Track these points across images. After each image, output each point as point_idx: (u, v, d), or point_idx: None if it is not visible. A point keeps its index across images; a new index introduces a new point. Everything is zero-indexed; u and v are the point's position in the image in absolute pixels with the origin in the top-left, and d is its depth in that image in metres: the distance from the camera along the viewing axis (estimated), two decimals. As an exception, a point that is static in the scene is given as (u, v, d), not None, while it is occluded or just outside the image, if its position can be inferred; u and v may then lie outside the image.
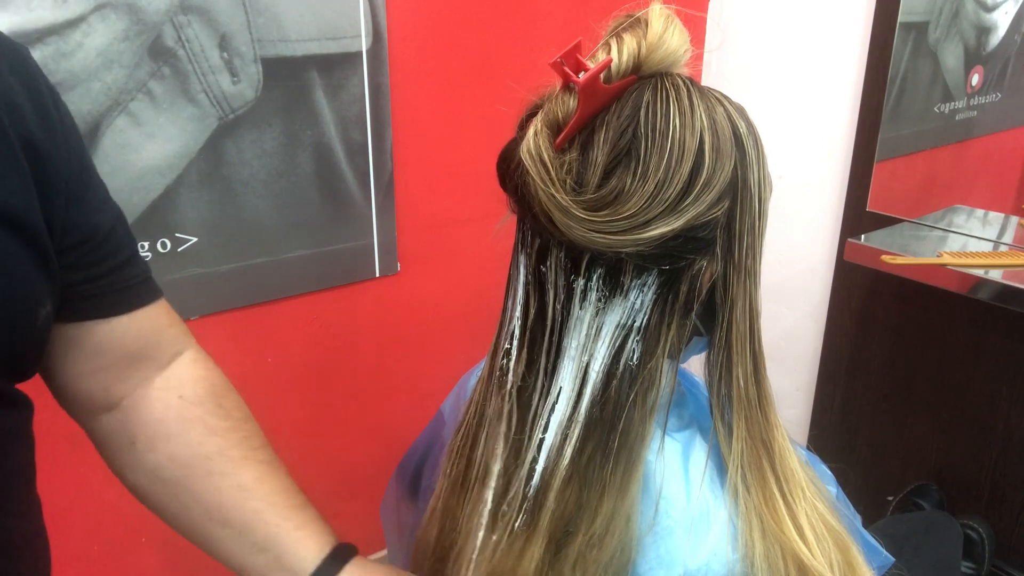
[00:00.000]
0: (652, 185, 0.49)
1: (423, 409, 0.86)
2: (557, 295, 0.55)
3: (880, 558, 0.69)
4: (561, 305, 0.55)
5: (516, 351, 0.58)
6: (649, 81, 0.51)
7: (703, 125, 0.50)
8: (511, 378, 0.59)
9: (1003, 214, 1.43)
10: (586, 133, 0.51)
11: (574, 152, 0.51)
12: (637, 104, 0.50)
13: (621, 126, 0.50)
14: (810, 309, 1.65)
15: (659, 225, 0.50)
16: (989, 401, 1.36)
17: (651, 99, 0.50)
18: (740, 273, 0.54)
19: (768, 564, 0.53)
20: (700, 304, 0.55)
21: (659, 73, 0.52)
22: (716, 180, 0.50)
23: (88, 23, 1.00)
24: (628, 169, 0.49)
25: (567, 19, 1.44)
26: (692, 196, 0.50)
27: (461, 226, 1.48)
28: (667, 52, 0.51)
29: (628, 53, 0.50)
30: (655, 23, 0.50)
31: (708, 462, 0.57)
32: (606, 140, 0.50)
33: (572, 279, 0.54)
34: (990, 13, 1.37)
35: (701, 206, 0.50)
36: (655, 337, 0.55)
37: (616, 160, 0.50)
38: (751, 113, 0.56)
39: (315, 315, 1.36)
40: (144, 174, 1.10)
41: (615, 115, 0.50)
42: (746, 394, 0.56)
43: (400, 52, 1.29)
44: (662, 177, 0.49)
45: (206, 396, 0.65)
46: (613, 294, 0.54)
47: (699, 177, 0.50)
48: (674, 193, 0.49)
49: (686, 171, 0.49)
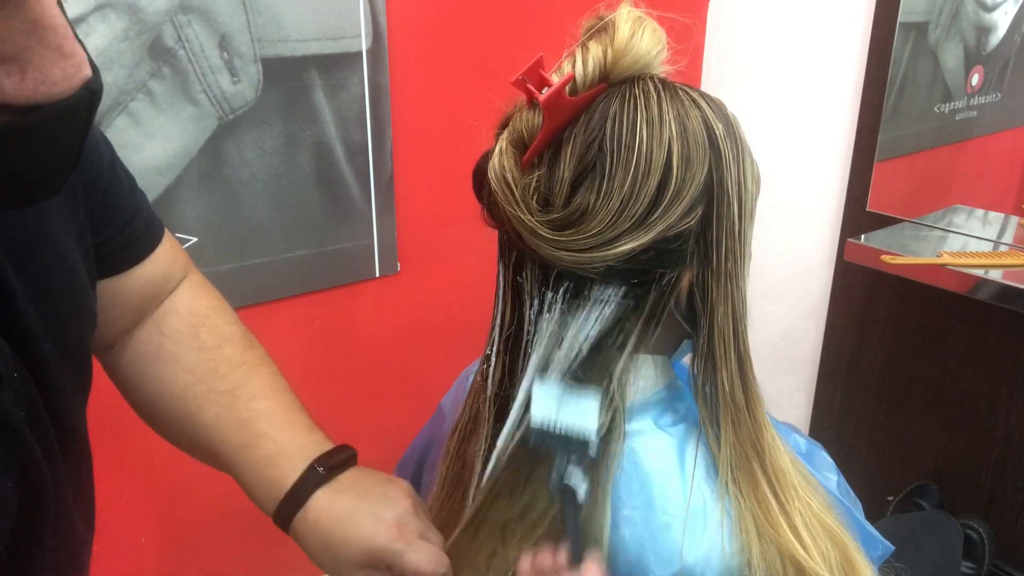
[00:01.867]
0: (617, 201, 0.48)
1: (423, 409, 0.86)
2: (532, 305, 0.55)
3: (879, 547, 0.69)
4: (535, 313, 0.55)
5: (495, 358, 0.59)
6: (618, 89, 0.50)
7: (672, 134, 0.49)
8: (490, 384, 0.59)
9: (1003, 214, 1.43)
10: (554, 148, 0.50)
11: (542, 168, 0.50)
12: (604, 115, 0.49)
13: (587, 140, 0.49)
14: (810, 309, 1.65)
15: (626, 241, 0.49)
16: (989, 401, 1.36)
17: (618, 109, 0.49)
18: (719, 278, 0.53)
19: (766, 566, 0.53)
20: (680, 309, 0.55)
21: (630, 78, 0.50)
22: (686, 190, 0.49)
23: (88, 23, 1.00)
24: (592, 186, 0.48)
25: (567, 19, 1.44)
26: (660, 210, 0.49)
27: (461, 226, 1.48)
28: (636, 57, 0.49)
29: (594, 62, 0.49)
30: (622, 27, 0.49)
31: (703, 456, 0.57)
32: (572, 155, 0.49)
33: (543, 290, 0.54)
34: (990, 13, 1.37)
35: (671, 218, 0.49)
36: (620, 340, 0.54)
37: (582, 176, 0.49)
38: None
39: (315, 315, 1.36)
40: (144, 174, 1.10)
41: (583, 128, 0.49)
42: (732, 397, 0.55)
43: (400, 52, 1.29)
44: (627, 192, 0.48)
45: (186, 329, 0.66)
46: (577, 307, 0.53)
47: (667, 190, 0.48)
48: (641, 208, 0.48)
49: (653, 185, 0.48)
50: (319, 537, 0.59)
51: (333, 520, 0.59)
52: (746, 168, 0.53)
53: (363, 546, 0.58)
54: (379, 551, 0.57)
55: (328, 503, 0.60)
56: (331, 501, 0.60)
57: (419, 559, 0.57)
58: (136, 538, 1.29)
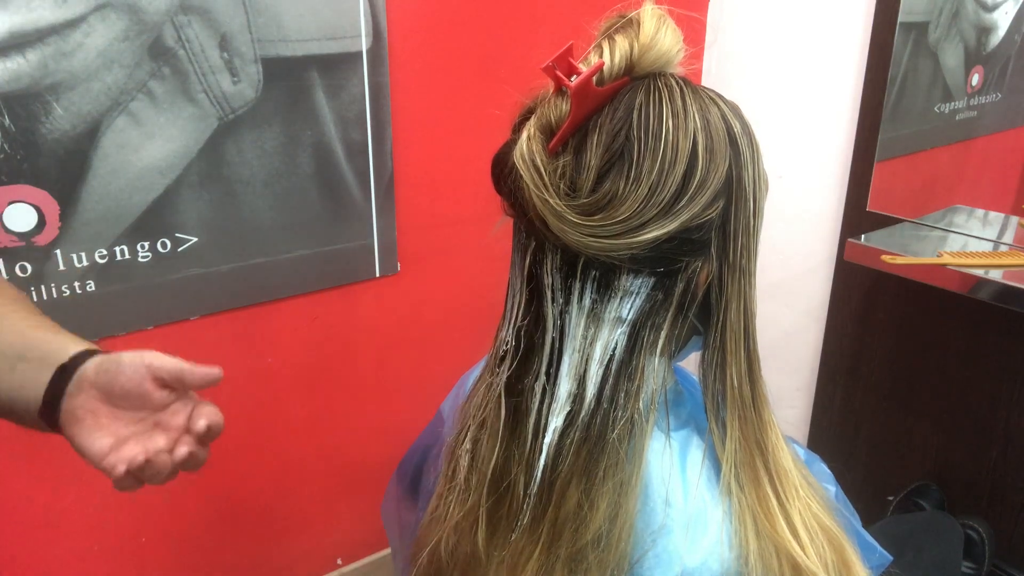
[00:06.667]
0: (646, 188, 0.49)
1: (423, 409, 0.86)
2: (554, 298, 0.55)
3: (877, 557, 0.69)
4: (558, 308, 0.55)
5: (514, 353, 0.58)
6: (642, 82, 0.51)
7: (696, 126, 0.50)
8: (509, 380, 0.59)
9: (1003, 214, 1.43)
10: (579, 136, 0.51)
11: (568, 156, 0.51)
12: (630, 106, 0.50)
13: (614, 129, 0.50)
14: (810, 309, 1.65)
15: (653, 228, 0.49)
16: (989, 401, 1.36)
17: (644, 101, 0.50)
18: (735, 273, 0.54)
19: (763, 564, 0.53)
20: (696, 304, 0.55)
21: (652, 74, 0.52)
22: (710, 181, 0.50)
23: (88, 23, 1.00)
24: (621, 172, 0.49)
25: (567, 19, 1.44)
26: (686, 198, 0.50)
27: (461, 226, 1.48)
28: (660, 53, 0.51)
29: (620, 55, 0.50)
30: (647, 24, 0.50)
31: (705, 461, 0.57)
32: (599, 143, 0.50)
33: (568, 282, 0.54)
34: (990, 13, 1.37)
35: (696, 207, 0.50)
36: (652, 337, 0.55)
37: (609, 163, 0.49)
38: (750, 114, 0.56)
39: (315, 315, 1.36)
40: (144, 174, 1.10)
41: (608, 117, 0.50)
42: (740, 394, 0.56)
43: (400, 52, 1.29)
44: (655, 180, 0.49)
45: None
46: (608, 296, 0.54)
47: (693, 178, 0.49)
48: (668, 195, 0.49)
49: (680, 173, 0.49)
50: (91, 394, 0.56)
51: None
52: (761, 168, 0.55)
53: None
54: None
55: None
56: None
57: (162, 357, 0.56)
58: (136, 538, 1.29)
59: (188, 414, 0.58)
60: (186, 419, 0.58)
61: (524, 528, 0.57)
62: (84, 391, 0.56)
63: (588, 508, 0.55)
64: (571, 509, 0.55)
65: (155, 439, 0.57)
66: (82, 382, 0.56)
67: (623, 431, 0.54)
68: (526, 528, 0.57)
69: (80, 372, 0.57)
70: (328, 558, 1.57)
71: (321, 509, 1.51)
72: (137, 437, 0.57)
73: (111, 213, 1.09)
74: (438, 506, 0.66)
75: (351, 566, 1.60)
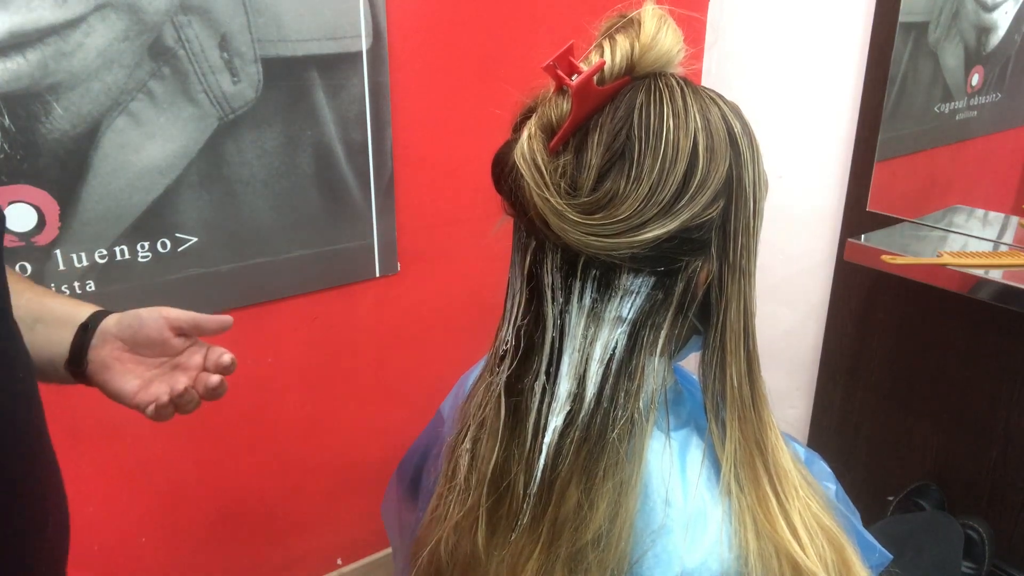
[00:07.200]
0: (646, 187, 0.49)
1: (423, 409, 0.86)
2: (554, 297, 0.55)
3: (877, 556, 0.69)
4: (558, 307, 0.55)
5: (514, 353, 0.58)
6: (643, 82, 0.51)
7: (697, 126, 0.50)
8: (509, 380, 0.59)
9: (1003, 214, 1.43)
10: (580, 136, 0.51)
11: (568, 155, 0.51)
12: (631, 105, 0.50)
13: (615, 128, 0.50)
14: (810, 309, 1.65)
15: (654, 227, 0.49)
16: (989, 401, 1.36)
17: (644, 100, 0.50)
18: (735, 273, 0.54)
19: (763, 564, 0.53)
20: (696, 304, 0.55)
21: (653, 74, 0.52)
22: (711, 180, 0.50)
23: (88, 23, 1.00)
24: (622, 171, 0.49)
25: (567, 19, 1.44)
26: (687, 197, 0.50)
27: (461, 226, 1.48)
28: (660, 52, 0.51)
29: (621, 54, 0.50)
30: (648, 23, 0.50)
31: (704, 461, 0.57)
32: (600, 142, 0.50)
33: (568, 281, 0.54)
34: (990, 13, 1.37)
35: (696, 207, 0.50)
36: (652, 337, 0.55)
37: (610, 162, 0.50)
38: (751, 114, 0.56)
39: (315, 315, 1.36)
40: (144, 174, 1.10)
41: (609, 117, 0.50)
42: (739, 394, 0.56)
43: (400, 52, 1.29)
44: (656, 179, 0.49)
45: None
46: (609, 296, 0.54)
47: (694, 178, 0.50)
48: (669, 195, 0.49)
49: (680, 172, 0.49)
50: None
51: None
52: (760, 168, 0.55)
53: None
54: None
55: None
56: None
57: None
58: (136, 538, 1.29)
59: (203, 356, 0.70)
60: (202, 359, 0.69)
61: (524, 528, 0.57)
62: (109, 343, 0.67)
63: (588, 508, 0.55)
64: (571, 509, 0.55)
65: (177, 378, 0.68)
66: (105, 336, 0.67)
67: (623, 431, 0.54)
68: (526, 528, 0.57)
69: (101, 328, 0.67)
70: (328, 558, 1.57)
71: (321, 509, 1.51)
72: (160, 378, 0.68)
73: (111, 213, 1.09)
74: (438, 506, 0.66)
75: (351, 566, 1.60)
